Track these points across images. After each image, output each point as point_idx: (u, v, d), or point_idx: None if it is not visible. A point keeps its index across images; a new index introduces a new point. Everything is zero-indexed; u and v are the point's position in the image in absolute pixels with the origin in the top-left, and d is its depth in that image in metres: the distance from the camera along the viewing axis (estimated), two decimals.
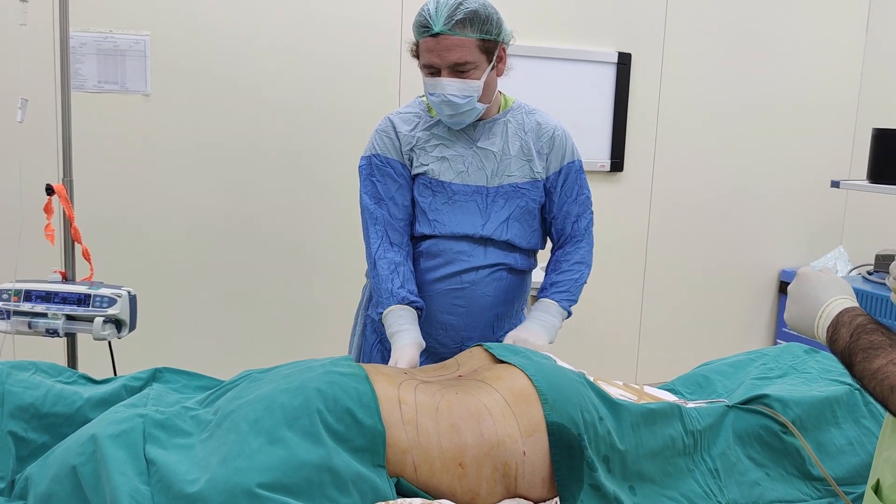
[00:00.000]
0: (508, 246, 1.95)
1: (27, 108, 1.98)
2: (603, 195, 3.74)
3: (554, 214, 2.00)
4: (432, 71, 1.80)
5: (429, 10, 1.77)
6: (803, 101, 4.10)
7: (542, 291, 2.00)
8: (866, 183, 2.98)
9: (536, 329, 1.90)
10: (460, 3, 1.75)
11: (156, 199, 2.98)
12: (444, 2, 1.76)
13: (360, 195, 1.95)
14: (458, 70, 1.78)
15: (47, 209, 2.00)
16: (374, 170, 1.93)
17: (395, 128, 1.93)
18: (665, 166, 3.87)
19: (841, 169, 4.22)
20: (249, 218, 3.13)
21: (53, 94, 2.69)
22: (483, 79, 1.81)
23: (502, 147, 1.92)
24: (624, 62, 3.68)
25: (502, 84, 1.96)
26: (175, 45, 2.92)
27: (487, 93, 1.86)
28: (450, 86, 1.78)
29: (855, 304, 1.10)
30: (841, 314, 1.07)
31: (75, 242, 2.03)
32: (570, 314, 1.99)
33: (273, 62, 3.06)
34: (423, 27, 1.77)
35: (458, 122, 1.86)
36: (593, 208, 2.05)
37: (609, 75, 3.68)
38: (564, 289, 1.98)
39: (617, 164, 3.75)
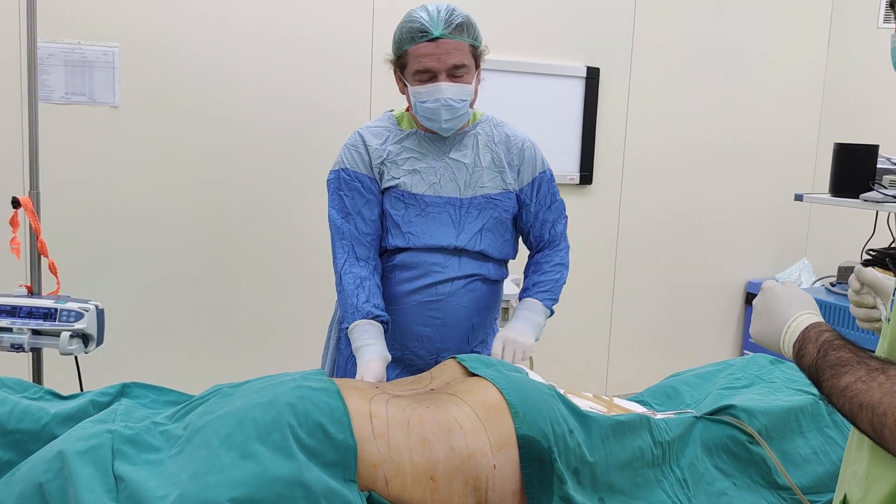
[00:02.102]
0: (482, 256, 1.96)
1: None
2: (572, 208, 3.74)
3: (531, 224, 2.03)
4: (428, 76, 1.81)
5: (422, 17, 1.79)
6: (768, 115, 4.18)
7: (525, 292, 2.04)
8: (828, 196, 3.04)
9: (524, 328, 1.94)
10: (453, 10, 1.81)
11: (123, 212, 2.95)
12: (435, 9, 1.80)
13: (328, 209, 1.95)
14: (455, 74, 1.81)
15: (13, 222, 1.98)
16: (342, 184, 1.93)
17: (364, 142, 1.93)
18: (633, 179, 3.92)
19: (804, 182, 4.31)
20: (219, 231, 3.11)
21: (20, 106, 2.67)
22: (473, 85, 1.86)
23: (474, 159, 1.93)
24: (592, 76, 3.72)
25: None
26: (144, 56, 2.90)
27: (474, 100, 1.91)
28: (448, 89, 1.80)
29: (820, 319, 1.11)
30: (807, 330, 1.08)
31: (42, 256, 2.01)
32: (552, 313, 2.03)
33: (243, 76, 3.06)
34: (422, 32, 1.79)
35: (451, 127, 1.88)
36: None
37: (578, 89, 3.72)
38: (547, 288, 2.02)
39: (586, 177, 3.79)
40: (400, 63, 1.86)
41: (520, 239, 2.10)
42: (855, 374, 0.95)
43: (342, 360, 2.04)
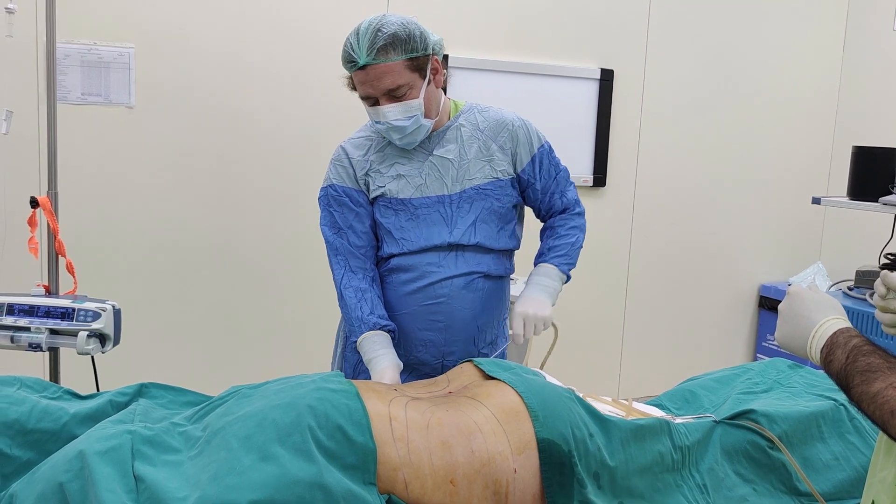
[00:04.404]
0: (480, 249, 1.92)
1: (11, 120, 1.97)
2: (586, 209, 3.76)
3: (540, 199, 1.99)
4: (371, 101, 1.80)
5: (351, 43, 1.76)
6: (783, 118, 4.16)
7: (540, 256, 1.99)
8: (846, 199, 3.02)
9: (541, 297, 1.88)
10: (379, 30, 1.73)
11: (140, 212, 2.95)
12: (363, 32, 1.75)
13: (321, 227, 1.95)
14: (394, 95, 1.77)
15: (31, 222, 1.98)
16: (331, 201, 1.93)
17: (347, 155, 1.92)
18: (647, 181, 3.91)
19: (819, 185, 4.28)
20: (233, 231, 3.11)
21: (36, 106, 2.67)
22: (422, 96, 1.80)
23: (459, 152, 1.90)
24: (606, 78, 3.71)
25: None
26: (159, 57, 2.91)
27: (432, 107, 1.85)
28: (391, 112, 1.77)
29: (848, 324, 1.10)
30: (835, 335, 1.07)
31: (59, 255, 2.01)
32: (568, 278, 1.98)
33: (256, 76, 3.06)
34: (350, 62, 1.77)
35: (409, 142, 1.86)
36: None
37: (592, 91, 3.71)
38: (563, 252, 1.96)
39: (599, 179, 3.77)
40: (352, 85, 1.85)
41: (524, 230, 2.06)
42: (886, 381, 0.94)
43: (349, 368, 2.03)
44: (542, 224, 2.08)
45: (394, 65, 1.74)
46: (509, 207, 1.96)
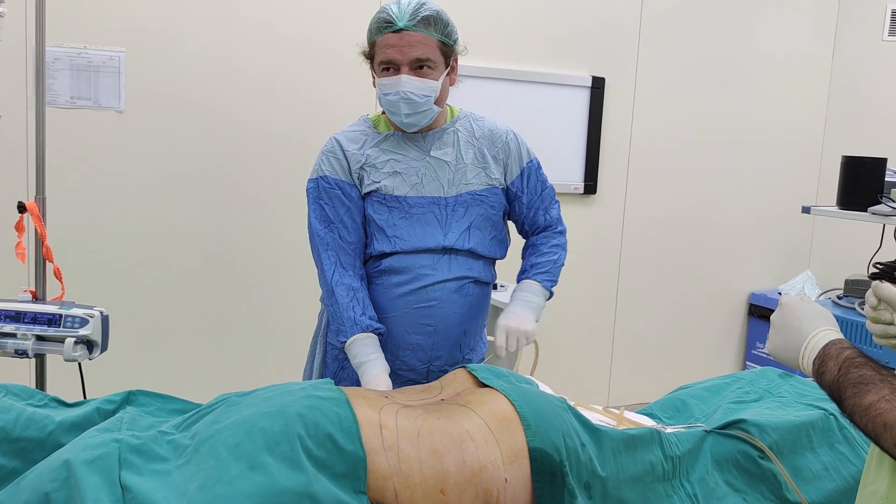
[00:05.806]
0: (472, 255, 1.93)
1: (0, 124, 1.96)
2: (576, 217, 3.77)
3: (525, 213, 2.02)
4: (391, 68, 1.80)
5: (391, 9, 1.79)
6: (772, 127, 4.19)
7: (523, 274, 2.01)
8: (836, 208, 3.03)
9: (524, 313, 1.91)
10: (423, 3, 1.79)
11: (128, 217, 2.94)
12: (407, 1, 1.79)
13: (309, 219, 1.91)
14: (419, 67, 1.79)
15: (18, 227, 1.96)
16: (321, 193, 1.89)
17: (342, 147, 1.90)
18: (637, 189, 3.92)
19: (808, 194, 4.30)
20: (225, 237, 3.09)
21: (24, 110, 2.65)
22: (440, 82, 1.82)
23: (456, 156, 1.91)
24: (598, 86, 3.72)
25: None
26: (149, 61, 2.89)
27: (442, 97, 1.87)
28: (409, 83, 1.78)
29: (840, 335, 1.10)
30: (827, 346, 1.07)
31: (46, 261, 1.99)
32: (551, 295, 2.01)
33: (247, 81, 3.05)
34: (387, 23, 1.78)
35: (413, 122, 1.84)
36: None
37: (583, 99, 3.72)
38: (545, 270, 1.99)
39: (590, 186, 3.78)
40: (370, 54, 1.85)
41: (511, 241, 2.07)
42: (878, 393, 0.94)
43: (329, 375, 2.00)
44: (525, 241, 2.09)
45: (429, 38, 1.78)
46: (500, 216, 1.98)
